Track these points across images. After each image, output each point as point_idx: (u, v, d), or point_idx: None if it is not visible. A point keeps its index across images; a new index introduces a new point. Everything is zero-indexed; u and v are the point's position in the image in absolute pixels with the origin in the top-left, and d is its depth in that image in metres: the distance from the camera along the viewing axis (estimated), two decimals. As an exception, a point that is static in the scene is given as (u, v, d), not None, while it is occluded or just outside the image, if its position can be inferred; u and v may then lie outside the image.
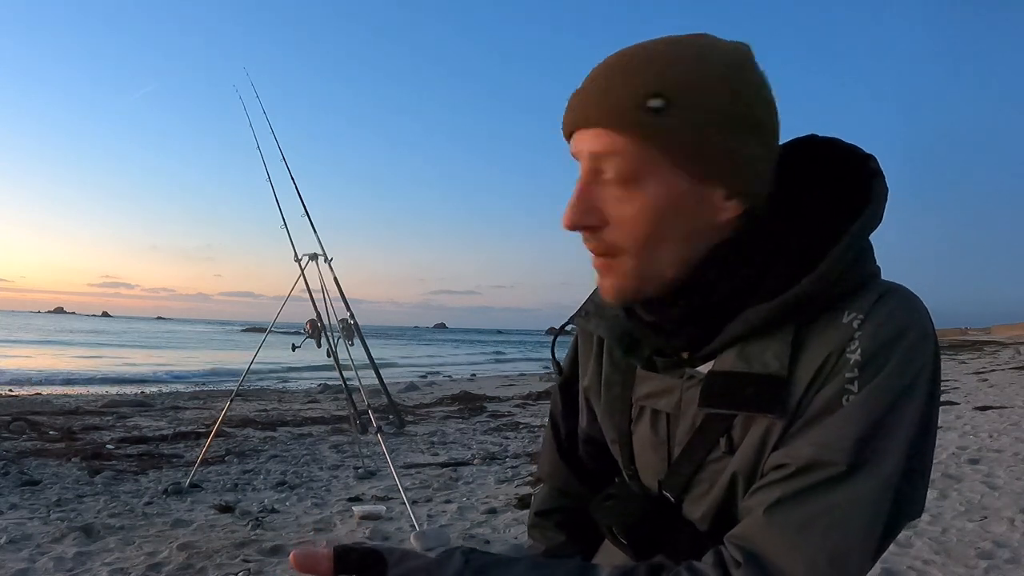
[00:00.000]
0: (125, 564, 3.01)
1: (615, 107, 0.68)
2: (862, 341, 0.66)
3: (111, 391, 12.64)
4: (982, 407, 7.68)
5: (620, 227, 0.71)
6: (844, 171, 0.75)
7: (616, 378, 0.87)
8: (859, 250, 0.70)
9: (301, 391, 12.79)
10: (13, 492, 4.27)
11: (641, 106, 0.67)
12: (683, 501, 0.78)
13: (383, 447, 3.77)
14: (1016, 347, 22.87)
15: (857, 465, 0.64)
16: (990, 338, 41.52)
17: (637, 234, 0.71)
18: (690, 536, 0.76)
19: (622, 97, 0.68)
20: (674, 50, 0.69)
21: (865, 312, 0.67)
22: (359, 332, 4.30)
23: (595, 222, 0.72)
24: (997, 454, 5.05)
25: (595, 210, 0.71)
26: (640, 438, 0.83)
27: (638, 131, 0.68)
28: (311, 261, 4.34)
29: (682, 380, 0.77)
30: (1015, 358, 17.18)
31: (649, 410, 0.82)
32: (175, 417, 8.25)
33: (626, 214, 0.70)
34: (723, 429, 0.73)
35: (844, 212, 0.72)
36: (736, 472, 0.72)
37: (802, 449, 0.66)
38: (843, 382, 0.66)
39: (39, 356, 25.01)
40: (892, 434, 0.65)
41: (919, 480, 0.68)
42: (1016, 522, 3.37)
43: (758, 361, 0.70)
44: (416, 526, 3.48)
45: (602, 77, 0.71)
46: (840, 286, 0.69)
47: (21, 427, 6.68)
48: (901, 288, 0.71)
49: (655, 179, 0.69)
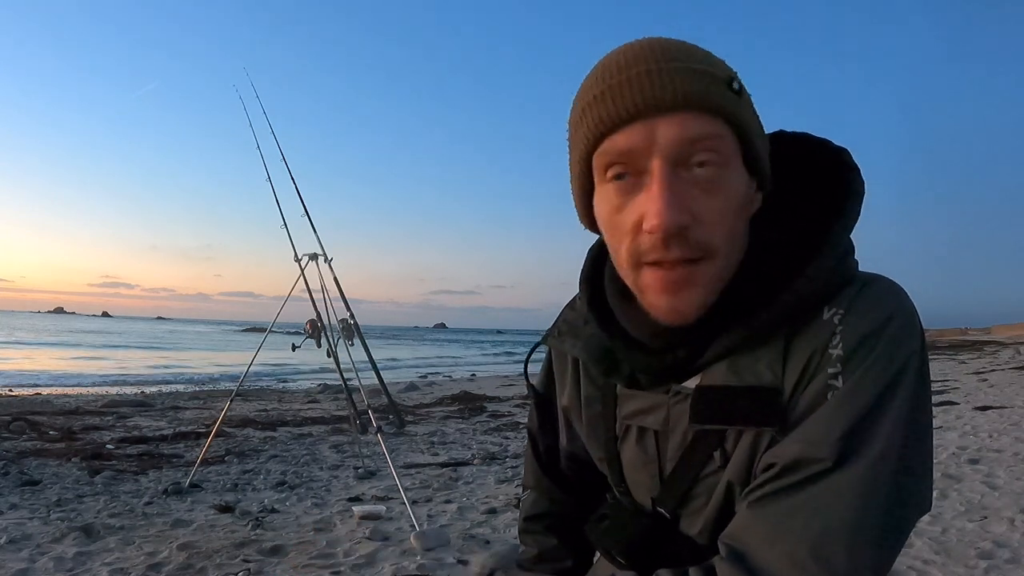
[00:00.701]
0: (125, 564, 3.01)
1: (707, 85, 0.62)
2: (843, 335, 0.64)
3: (111, 391, 12.63)
4: (982, 407, 7.67)
5: (710, 224, 0.63)
6: (819, 166, 0.73)
7: (596, 396, 0.83)
8: (844, 248, 0.69)
9: (301, 391, 12.78)
10: (13, 492, 4.27)
11: (729, 86, 0.63)
12: (679, 516, 0.76)
13: (383, 447, 3.77)
14: (1016, 347, 22.85)
15: (843, 458, 0.62)
16: (990, 338, 41.48)
17: (725, 231, 0.65)
18: (690, 551, 0.75)
19: (708, 76, 0.62)
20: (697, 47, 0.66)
21: (846, 306, 0.65)
22: (359, 332, 4.30)
23: (689, 220, 0.63)
24: (997, 454, 5.04)
25: (687, 208, 0.63)
26: (628, 456, 0.81)
27: (732, 112, 0.63)
28: (311, 261, 4.34)
29: (668, 396, 0.74)
30: (1015, 358, 17.16)
31: (636, 428, 0.79)
32: (175, 417, 8.25)
33: (717, 208, 0.63)
34: (716, 443, 0.70)
35: (823, 209, 0.70)
36: (731, 481, 0.70)
37: (789, 447, 0.64)
38: (827, 378, 0.64)
39: (39, 356, 24.99)
40: (879, 426, 0.62)
41: (920, 471, 0.64)
42: (1016, 522, 3.37)
43: (750, 373, 0.67)
44: (416, 526, 3.47)
45: (671, 59, 0.62)
46: (827, 286, 0.67)
47: (21, 427, 6.67)
48: (881, 278, 0.69)
49: (735, 168, 0.65)
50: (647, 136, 0.62)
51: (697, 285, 0.65)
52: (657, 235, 0.62)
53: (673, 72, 0.62)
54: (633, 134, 0.62)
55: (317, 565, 3.03)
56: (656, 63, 0.62)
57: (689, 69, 0.62)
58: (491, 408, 9.74)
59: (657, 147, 0.62)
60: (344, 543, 3.34)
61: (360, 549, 3.23)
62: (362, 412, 4.32)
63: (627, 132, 0.63)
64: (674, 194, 0.62)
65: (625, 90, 0.62)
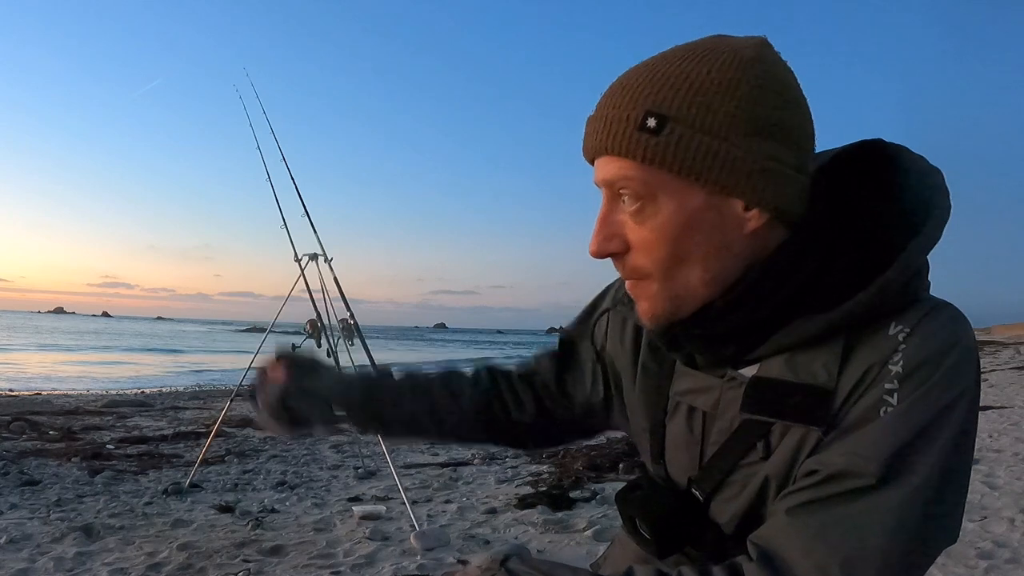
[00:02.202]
0: (125, 564, 3.01)
1: (615, 133, 0.68)
2: (906, 353, 0.65)
3: (111, 391, 12.63)
4: (982, 407, 7.67)
5: (641, 251, 0.71)
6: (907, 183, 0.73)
7: (653, 367, 0.85)
8: (916, 268, 0.68)
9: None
10: (13, 492, 4.27)
11: (639, 128, 0.67)
12: (711, 501, 0.77)
13: (383, 447, 3.77)
14: (1016, 347, 22.86)
15: (887, 478, 0.62)
16: (990, 338, 41.51)
17: (658, 256, 0.70)
18: (714, 537, 0.75)
19: (620, 122, 0.68)
20: (674, 62, 0.68)
21: (912, 325, 0.66)
22: (359, 332, 4.30)
23: (618, 248, 0.72)
24: (997, 454, 5.05)
25: (617, 236, 0.72)
26: (673, 433, 0.82)
27: (639, 153, 0.67)
28: (311, 261, 4.34)
29: (723, 380, 0.75)
30: (1015, 358, 17.17)
31: (685, 406, 0.80)
32: (175, 417, 8.25)
33: (645, 237, 0.70)
34: (761, 434, 0.71)
35: (904, 227, 0.70)
36: (768, 476, 0.71)
37: (834, 457, 0.65)
38: (882, 392, 0.65)
39: (39, 356, 24.98)
40: (926, 450, 0.63)
41: (954, 501, 0.65)
42: (1016, 522, 3.37)
43: (806, 371, 0.68)
44: (416, 526, 3.48)
45: (605, 104, 0.71)
46: (894, 302, 0.67)
47: (21, 427, 6.67)
48: (950, 306, 0.69)
49: (666, 199, 0.68)
50: (596, 175, 0.73)
51: (644, 299, 0.74)
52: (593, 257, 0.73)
53: (599, 120, 0.70)
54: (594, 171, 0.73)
55: (317, 565, 3.03)
56: (599, 109, 0.71)
57: (602, 118, 0.70)
58: (491, 408, 9.74)
59: (600, 184, 0.73)
60: (344, 543, 3.34)
61: (360, 549, 3.23)
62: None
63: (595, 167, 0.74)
64: (604, 226, 0.72)
65: (586, 133, 0.73)
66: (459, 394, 1.00)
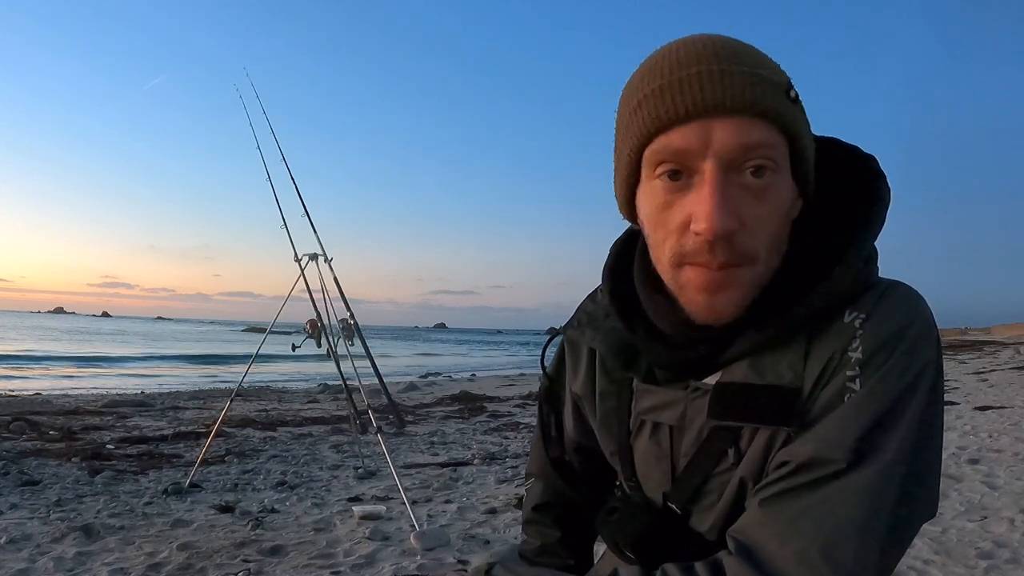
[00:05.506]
0: (125, 564, 3.01)
1: (771, 95, 0.62)
2: (863, 339, 0.65)
3: (111, 391, 12.63)
4: (982, 407, 7.68)
5: (756, 230, 0.64)
6: (847, 172, 0.74)
7: (612, 391, 0.84)
8: (867, 254, 0.69)
9: (301, 391, 12.77)
10: (13, 492, 4.27)
11: (787, 95, 0.64)
12: (690, 513, 0.77)
13: (383, 447, 3.77)
14: (1016, 347, 22.85)
15: (856, 461, 0.63)
16: (990, 338, 41.47)
17: (768, 238, 0.66)
18: (699, 547, 0.75)
19: (772, 84, 0.63)
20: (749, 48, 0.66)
21: (867, 311, 0.66)
22: (359, 332, 4.30)
23: (737, 226, 0.63)
24: (997, 454, 5.05)
25: (736, 212, 0.63)
26: (641, 451, 0.82)
27: (788, 121, 0.63)
28: (311, 261, 4.34)
29: (687, 392, 0.75)
30: (1015, 358, 17.16)
31: (650, 423, 0.79)
32: (175, 417, 8.25)
33: (762, 215, 0.64)
34: (731, 440, 0.71)
35: (850, 215, 0.70)
36: (744, 477, 0.71)
37: (803, 447, 0.65)
38: (844, 380, 0.65)
39: (39, 356, 24.97)
40: (893, 431, 0.64)
41: (929, 478, 0.66)
42: (1016, 522, 3.37)
43: (772, 372, 0.68)
44: (416, 526, 3.48)
45: (735, 61, 0.62)
46: (848, 290, 0.67)
47: (21, 427, 6.67)
48: (902, 285, 0.70)
49: (784, 176, 0.66)
50: (702, 137, 0.62)
51: (736, 287, 0.66)
52: (705, 238, 0.62)
53: (736, 75, 0.61)
54: (688, 134, 0.62)
55: (317, 565, 3.03)
56: (719, 63, 0.62)
57: (753, 74, 0.62)
58: (491, 408, 9.74)
59: (712, 150, 0.62)
60: (344, 543, 3.34)
61: (360, 549, 3.23)
62: (362, 412, 4.32)
63: (682, 131, 0.62)
64: (725, 198, 0.62)
65: (685, 88, 0.62)
66: (551, 540, 0.99)
